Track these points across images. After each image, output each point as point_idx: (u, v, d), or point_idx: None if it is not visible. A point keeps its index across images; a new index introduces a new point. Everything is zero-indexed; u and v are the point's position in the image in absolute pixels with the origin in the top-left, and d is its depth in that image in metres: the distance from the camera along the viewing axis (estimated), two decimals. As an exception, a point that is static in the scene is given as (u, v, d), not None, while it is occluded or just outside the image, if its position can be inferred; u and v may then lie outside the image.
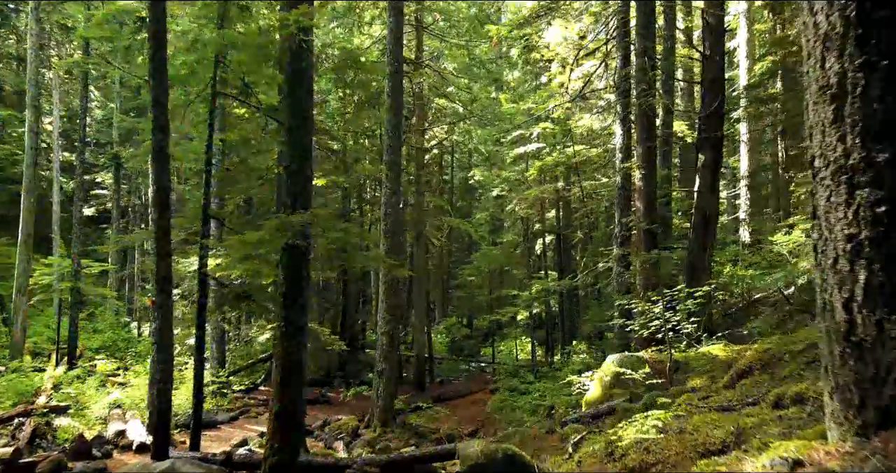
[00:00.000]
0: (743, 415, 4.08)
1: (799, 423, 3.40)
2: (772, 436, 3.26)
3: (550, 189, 21.97)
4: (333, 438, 13.29)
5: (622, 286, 13.21)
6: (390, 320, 14.43)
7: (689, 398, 5.79)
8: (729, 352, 8.83)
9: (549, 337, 25.70)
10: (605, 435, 4.81)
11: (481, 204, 33.11)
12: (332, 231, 7.57)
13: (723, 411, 4.55)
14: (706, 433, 3.80)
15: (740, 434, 3.57)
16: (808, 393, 3.80)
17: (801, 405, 3.76)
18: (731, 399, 5.08)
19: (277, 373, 7.30)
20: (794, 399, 3.83)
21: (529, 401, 16.47)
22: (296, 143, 7.58)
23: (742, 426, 3.73)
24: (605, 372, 9.32)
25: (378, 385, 14.32)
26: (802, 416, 3.51)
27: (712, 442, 3.63)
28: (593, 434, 5.26)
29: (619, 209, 13.65)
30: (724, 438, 3.62)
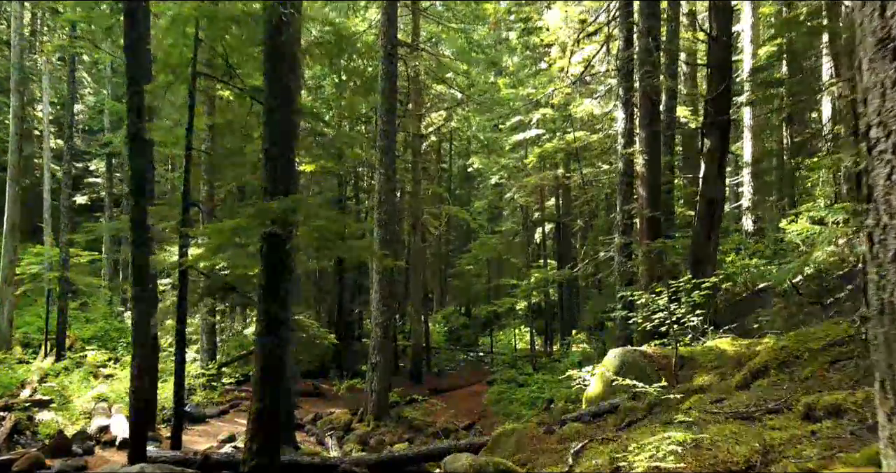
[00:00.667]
0: (767, 427, 3.57)
1: (839, 443, 2.88)
2: (807, 458, 2.75)
3: (550, 176, 21.41)
4: (325, 433, 12.83)
5: (624, 276, 12.69)
6: (385, 311, 13.94)
7: (700, 400, 5.28)
8: (738, 347, 8.34)
9: (548, 327, 25.25)
10: (609, 447, 4.31)
11: (480, 192, 32.52)
12: (316, 218, 7.05)
13: (742, 420, 4.05)
14: (727, 449, 3.30)
15: (767, 452, 3.06)
16: (845, 404, 3.29)
17: (837, 418, 3.25)
18: (749, 404, 4.57)
19: (257, 371, 6.81)
20: (829, 410, 3.32)
21: (527, 394, 16.02)
22: (276, 125, 7.04)
23: (769, 442, 3.22)
24: (607, 367, 8.83)
25: (372, 378, 13.85)
26: (842, 434, 2.99)
27: (735, 461, 3.13)
28: (595, 443, 4.76)
29: (621, 196, 13.09)
30: (748, 456, 3.11)
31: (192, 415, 13.12)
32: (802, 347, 5.64)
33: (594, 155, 20.62)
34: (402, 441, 13.12)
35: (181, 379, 8.96)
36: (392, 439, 13.15)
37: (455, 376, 21.77)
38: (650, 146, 12.38)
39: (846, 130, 16.28)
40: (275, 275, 6.92)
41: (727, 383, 6.71)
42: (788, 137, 22.16)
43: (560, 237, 24.45)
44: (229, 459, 8.13)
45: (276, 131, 7.03)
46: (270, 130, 7.05)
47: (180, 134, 11.20)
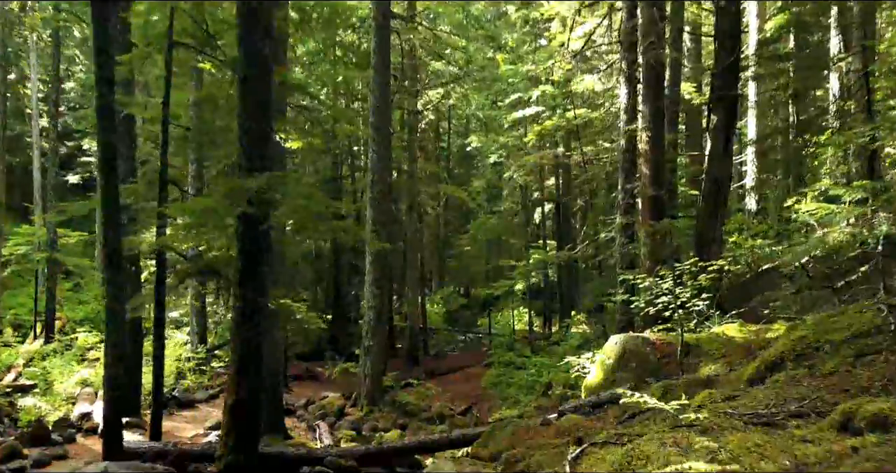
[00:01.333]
0: (796, 439, 3.06)
1: (892, 465, 2.37)
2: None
3: (549, 155, 20.80)
4: (317, 418, 12.41)
5: (625, 258, 12.18)
6: (378, 294, 13.45)
7: (711, 397, 4.78)
8: (745, 334, 7.84)
9: (546, 308, 24.80)
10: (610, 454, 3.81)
11: (479, 171, 31.89)
12: (297, 197, 6.51)
13: (763, 425, 3.54)
14: (750, 464, 2.79)
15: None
16: (893, 415, 2.78)
17: (883, 432, 2.74)
18: (768, 404, 4.07)
19: (233, 361, 6.32)
20: (873, 421, 2.81)
21: (525, 377, 15.62)
22: (252, 96, 6.46)
23: (801, 459, 2.71)
24: (608, 354, 8.34)
25: (365, 362, 13.41)
26: (893, 452, 2.47)
27: (762, 483, 2.62)
28: (595, 447, 4.26)
29: (623, 175, 12.53)
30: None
31: (180, 400, 12.72)
32: (822, 338, 5.12)
33: (595, 132, 19.98)
34: (396, 426, 12.72)
35: (160, 367, 8.49)
36: (386, 425, 12.75)
37: (453, 358, 21.38)
38: (654, 122, 11.78)
39: (857, 106, 15.65)
40: (252, 259, 6.40)
41: (737, 374, 6.21)
42: (794, 115, 21.49)
43: (560, 217, 23.90)
44: (208, 451, 7.67)
45: (251, 102, 6.46)
46: (245, 101, 6.48)
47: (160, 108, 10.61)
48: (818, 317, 6.09)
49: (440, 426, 13.15)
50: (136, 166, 11.62)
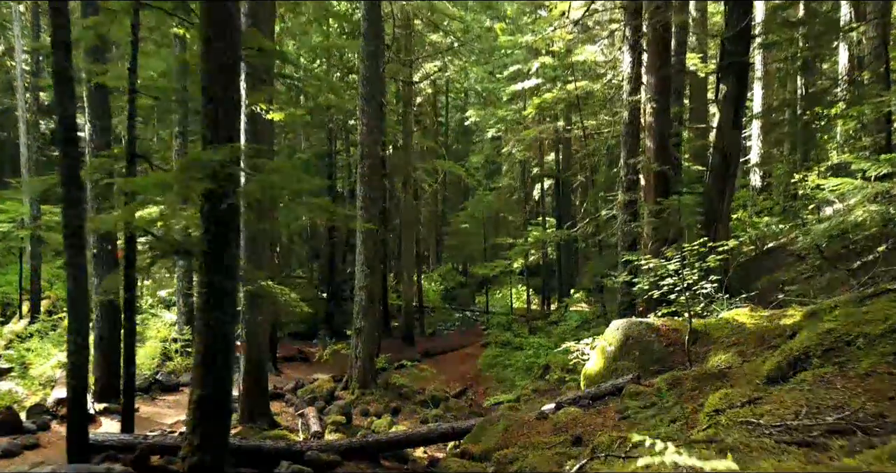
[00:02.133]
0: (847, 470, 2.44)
1: None
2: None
3: (549, 129, 20.03)
4: (305, 403, 11.89)
5: (627, 236, 11.53)
6: (369, 274, 12.84)
7: (728, 399, 4.17)
8: (758, 319, 7.23)
9: (545, 286, 24.24)
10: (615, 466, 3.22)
11: (478, 147, 31.07)
12: (268, 172, 5.85)
13: (800, 446, 2.93)
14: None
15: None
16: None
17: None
18: (798, 413, 3.45)
19: (197, 351, 5.71)
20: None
21: (522, 359, 15.11)
22: (216, 59, 5.75)
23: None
24: (609, 340, 7.75)
25: (356, 344, 12.85)
26: None
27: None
28: (597, 461, 3.67)
29: (626, 149, 11.82)
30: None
31: (163, 384, 12.19)
32: (854, 330, 4.50)
33: (596, 104, 19.17)
34: (389, 410, 12.21)
35: (131, 354, 7.89)
36: (377, 409, 12.24)
37: (449, 337, 20.87)
38: (659, 92, 11.05)
39: (871, 77, 14.87)
40: (218, 240, 5.76)
41: (752, 366, 5.62)
42: (803, 87, 20.65)
43: (559, 193, 23.20)
44: (180, 443, 7.11)
45: (215, 65, 5.75)
46: (208, 64, 5.77)
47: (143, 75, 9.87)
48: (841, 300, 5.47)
49: (434, 409, 12.65)
50: (110, 140, 10.91)
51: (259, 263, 10.02)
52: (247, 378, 10.04)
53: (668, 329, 7.40)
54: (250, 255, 9.99)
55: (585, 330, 14.54)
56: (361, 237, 12.75)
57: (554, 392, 12.34)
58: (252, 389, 10.05)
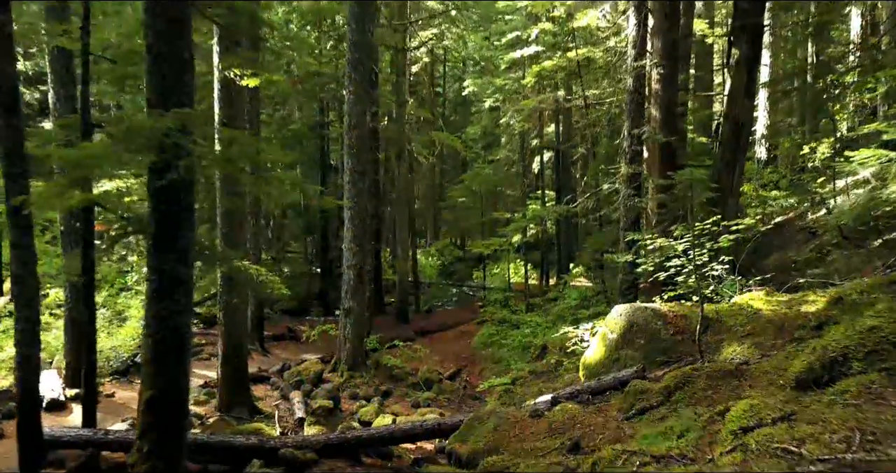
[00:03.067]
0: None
1: None
2: None
3: (549, 98, 19.11)
4: (291, 386, 11.29)
5: (630, 212, 10.79)
6: (358, 252, 12.13)
7: (755, 414, 3.47)
8: (775, 305, 6.53)
9: (544, 261, 23.53)
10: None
11: (476, 118, 30.09)
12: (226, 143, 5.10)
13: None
14: None
15: None
16: None
17: None
18: (848, 439, 2.76)
19: (147, 347, 5.03)
20: None
21: (519, 338, 14.47)
22: (162, 11, 4.95)
23: None
24: (610, 327, 7.07)
25: (345, 324, 12.21)
26: None
27: None
28: None
29: (630, 118, 10.99)
30: None
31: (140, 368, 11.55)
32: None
33: (598, 73, 18.23)
34: (378, 394, 11.62)
35: (91, 342, 7.23)
36: (367, 392, 11.65)
37: (445, 314, 20.24)
38: (667, 57, 10.20)
39: (890, 43, 13.96)
40: (168, 219, 5.04)
41: (773, 363, 4.93)
42: (814, 54, 19.68)
43: (559, 166, 22.35)
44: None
45: (162, 19, 4.95)
46: (154, 18, 4.98)
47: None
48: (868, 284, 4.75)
49: (426, 392, 12.06)
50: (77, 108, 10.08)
51: (235, 242, 9.30)
52: (225, 364, 9.41)
53: (676, 315, 6.71)
54: (226, 233, 9.27)
55: (585, 308, 13.90)
56: (349, 213, 12.01)
57: (551, 374, 11.73)
58: (230, 376, 9.42)
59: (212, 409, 9.49)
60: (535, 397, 10.59)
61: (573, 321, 13.73)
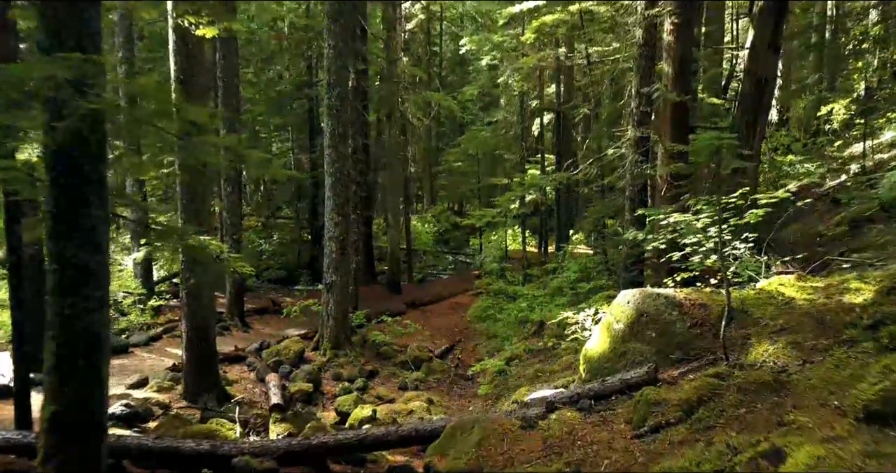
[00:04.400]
0: None
1: None
2: None
3: (550, 56, 17.77)
4: (269, 367, 10.40)
5: (637, 180, 9.70)
6: (341, 222, 11.09)
7: (824, 466, 2.49)
8: (810, 293, 5.52)
9: (542, 228, 22.51)
10: None
11: (474, 78, 28.60)
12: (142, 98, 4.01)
13: None
14: None
15: None
16: None
17: None
18: None
19: (50, 352, 4.04)
20: None
21: (515, 312, 13.55)
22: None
23: None
24: (616, 315, 6.07)
25: (328, 300, 11.26)
26: None
27: None
28: None
29: (639, 75, 9.80)
30: None
31: (112, 345, 10.63)
32: None
33: (603, 26, 16.84)
34: (364, 374, 10.75)
35: (20, 332, 6.25)
36: (351, 372, 10.77)
37: (439, 284, 19.32)
38: (682, 4, 8.95)
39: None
40: (70, 196, 3.98)
41: (822, 372, 3.95)
42: (833, 8, 18.25)
43: (560, 129, 21.10)
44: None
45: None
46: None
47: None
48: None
49: (415, 372, 11.20)
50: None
51: (198, 215, 8.25)
52: (189, 347, 8.47)
53: (693, 304, 5.70)
54: (187, 205, 8.22)
55: (585, 282, 12.94)
56: (330, 181, 10.93)
57: (548, 354, 10.85)
58: (196, 360, 8.49)
59: (177, 396, 8.59)
60: (530, 383, 9.72)
61: (572, 295, 12.80)
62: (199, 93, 8.19)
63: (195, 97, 8.19)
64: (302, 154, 24.15)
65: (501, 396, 9.64)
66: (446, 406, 9.54)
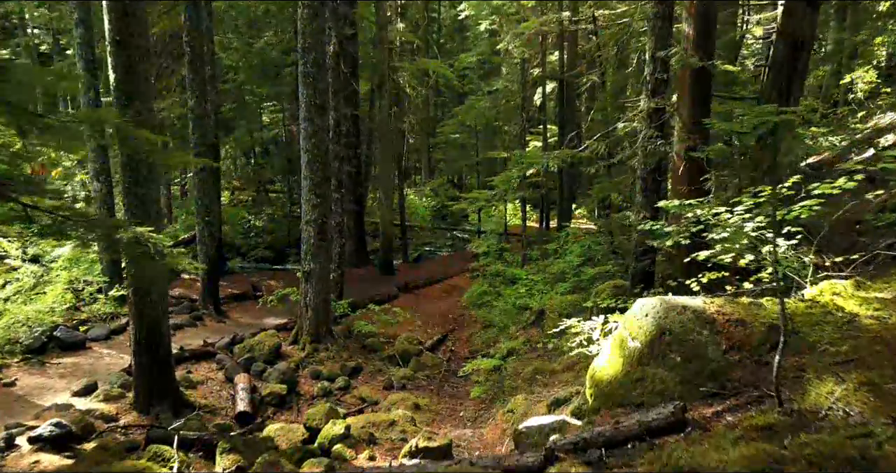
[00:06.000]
0: None
1: None
2: None
3: (552, 20, 16.26)
4: (240, 365, 9.31)
5: (651, 158, 8.40)
6: (319, 204, 9.88)
7: None
8: (879, 308, 4.34)
9: (544, 202, 21.22)
10: None
11: (473, 45, 26.97)
12: None
13: None
14: None
15: None
16: None
17: None
18: None
19: None
20: None
21: (514, 299, 12.41)
22: None
23: None
24: (632, 330, 4.90)
25: (306, 290, 10.12)
26: None
27: None
28: None
29: (655, 37, 8.42)
30: None
31: (63, 341, 9.57)
32: None
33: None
34: (346, 371, 9.69)
35: None
36: (332, 369, 9.70)
37: (435, 264, 18.17)
38: (708, -48, 7.55)
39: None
40: None
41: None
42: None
43: (563, 98, 19.66)
44: None
45: None
46: None
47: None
48: None
49: (403, 368, 10.12)
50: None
51: (143, 201, 7.03)
52: (138, 352, 7.35)
53: (728, 320, 4.52)
54: (130, 189, 7.00)
55: (590, 268, 11.75)
56: (306, 158, 9.69)
57: (547, 348, 9.76)
58: (148, 365, 7.38)
59: (126, 406, 7.51)
60: (528, 385, 8.62)
61: (575, 281, 11.64)
62: (139, 56, 6.90)
63: (135, 61, 6.91)
64: (294, 124, 22.77)
65: (496, 399, 8.57)
66: (435, 412, 8.48)
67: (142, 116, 6.99)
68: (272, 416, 8.37)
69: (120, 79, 6.94)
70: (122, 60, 6.90)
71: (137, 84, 7.00)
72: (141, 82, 7.04)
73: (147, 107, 7.10)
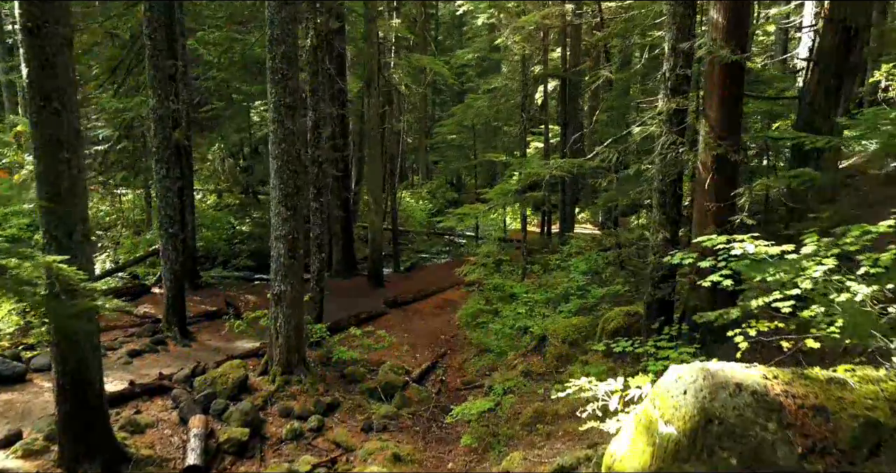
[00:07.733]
0: None
1: None
2: None
3: (555, 13, 14.98)
4: (197, 404, 8.06)
5: (671, 167, 7.12)
6: (290, 217, 8.63)
7: None
8: None
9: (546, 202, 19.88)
10: None
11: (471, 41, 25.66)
12: None
13: None
14: None
15: None
16: None
17: None
18: None
19: None
20: None
21: (512, 319, 11.13)
22: None
23: None
24: (665, 410, 3.61)
25: (276, 314, 8.87)
26: None
27: None
28: None
29: (674, 27, 7.14)
30: None
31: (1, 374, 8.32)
32: None
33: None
34: (321, 408, 8.46)
35: None
36: (305, 405, 8.45)
37: (428, 274, 16.88)
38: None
39: None
40: None
41: None
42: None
43: (566, 97, 18.37)
44: None
45: None
46: None
47: None
48: None
49: (385, 405, 8.87)
50: None
51: (64, 230, 5.78)
52: (62, 400, 6.12)
53: (801, 408, 3.24)
54: (47, 216, 5.75)
55: (597, 287, 10.49)
56: (275, 164, 8.43)
57: (550, 378, 8.53)
58: (74, 416, 6.15)
59: (51, 463, 6.27)
60: (527, 434, 7.35)
61: (581, 303, 10.37)
62: (58, 47, 5.65)
63: (52, 53, 5.66)
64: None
65: (490, 449, 7.31)
66: (419, 463, 7.22)
67: (61, 118, 5.76)
68: (229, 467, 7.15)
69: (34, 75, 5.70)
70: (37, 52, 5.65)
71: (56, 80, 5.75)
72: (61, 78, 5.79)
73: (68, 107, 5.84)
